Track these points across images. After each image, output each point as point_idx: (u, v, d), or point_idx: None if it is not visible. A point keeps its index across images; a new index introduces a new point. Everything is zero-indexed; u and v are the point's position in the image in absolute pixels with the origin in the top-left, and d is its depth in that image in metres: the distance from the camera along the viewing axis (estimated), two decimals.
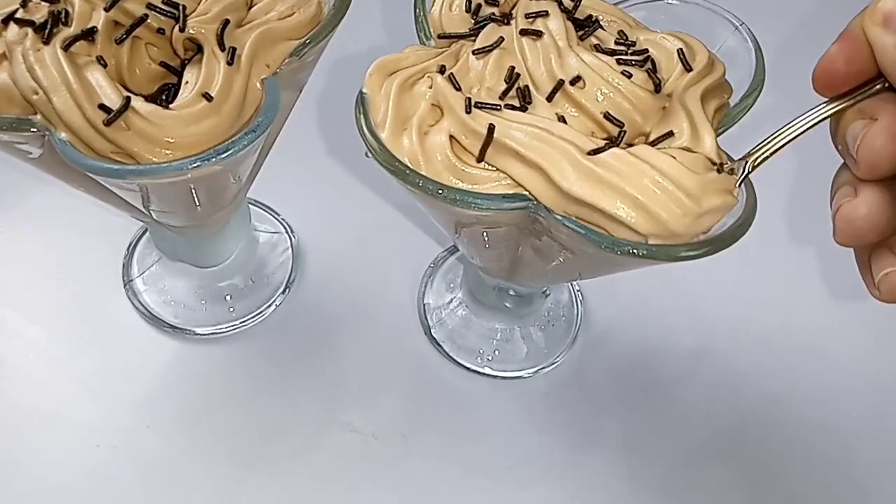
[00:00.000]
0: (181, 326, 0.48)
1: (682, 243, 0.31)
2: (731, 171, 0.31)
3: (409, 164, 0.31)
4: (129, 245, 0.51)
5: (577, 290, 0.52)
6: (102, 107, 0.29)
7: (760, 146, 0.31)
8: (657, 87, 0.32)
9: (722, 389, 0.48)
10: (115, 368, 0.47)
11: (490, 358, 0.49)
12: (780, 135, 0.30)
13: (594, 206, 0.30)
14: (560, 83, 0.32)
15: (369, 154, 0.31)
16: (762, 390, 0.48)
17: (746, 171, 0.31)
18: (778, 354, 0.50)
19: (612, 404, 0.48)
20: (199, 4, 0.33)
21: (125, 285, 0.49)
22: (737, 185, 0.31)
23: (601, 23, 0.36)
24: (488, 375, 0.48)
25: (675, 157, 0.30)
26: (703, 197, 0.30)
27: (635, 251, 0.29)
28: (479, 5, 0.36)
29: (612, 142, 0.31)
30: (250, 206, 0.52)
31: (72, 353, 0.47)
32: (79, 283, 0.50)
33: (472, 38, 0.35)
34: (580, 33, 0.35)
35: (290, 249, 0.52)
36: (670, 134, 0.32)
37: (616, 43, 0.35)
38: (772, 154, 0.31)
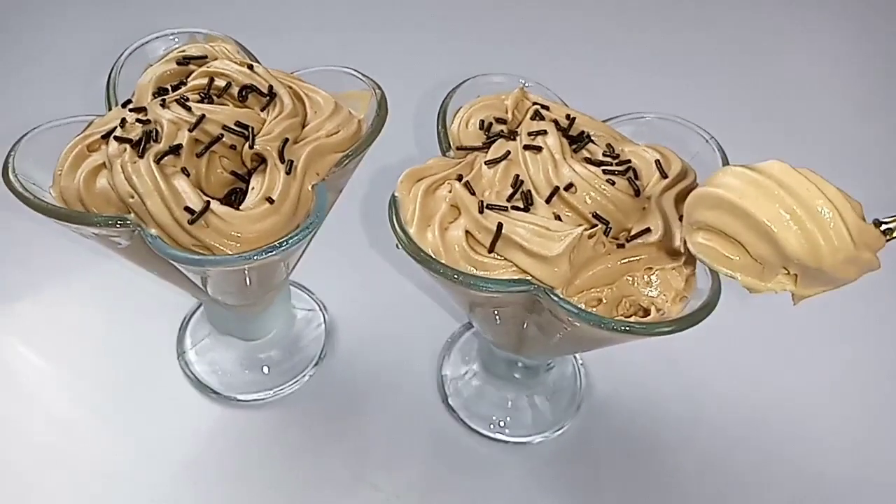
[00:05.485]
0: (226, 394, 0.54)
1: (661, 321, 0.37)
2: (884, 233, 0.31)
3: (432, 255, 0.38)
4: (183, 321, 0.58)
5: (581, 364, 0.57)
6: (188, 209, 0.37)
7: None
8: (637, 192, 0.39)
9: (714, 455, 0.53)
10: (166, 431, 0.53)
11: (501, 424, 0.54)
12: None
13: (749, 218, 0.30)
14: (556, 189, 0.39)
15: (399, 246, 0.38)
16: (751, 458, 0.53)
17: (889, 238, 0.31)
18: (767, 425, 0.55)
19: (612, 468, 0.53)
20: (263, 125, 0.41)
21: (178, 356, 0.56)
22: (883, 246, 0.30)
23: (592, 137, 0.43)
24: (499, 441, 0.54)
25: (839, 191, 0.29)
26: (858, 242, 0.29)
27: (616, 327, 0.35)
28: (491, 124, 0.44)
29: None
30: (291, 287, 0.59)
31: (129, 417, 0.53)
32: (137, 355, 0.56)
33: (485, 150, 0.42)
34: (574, 147, 0.42)
35: (323, 325, 0.58)
36: (648, 230, 0.38)
37: (604, 154, 0.42)
38: None
